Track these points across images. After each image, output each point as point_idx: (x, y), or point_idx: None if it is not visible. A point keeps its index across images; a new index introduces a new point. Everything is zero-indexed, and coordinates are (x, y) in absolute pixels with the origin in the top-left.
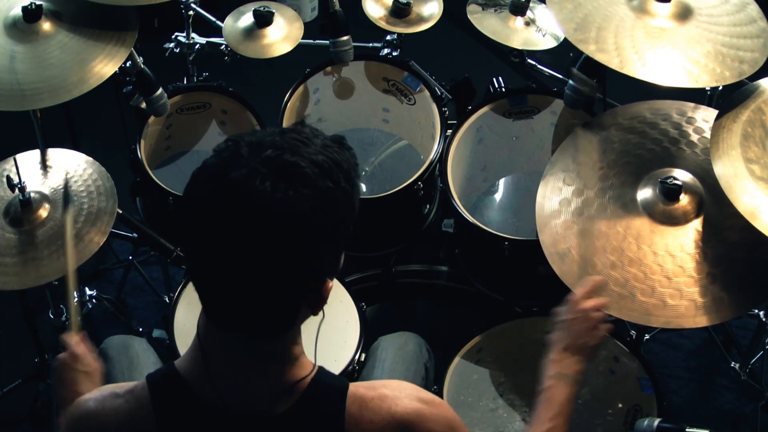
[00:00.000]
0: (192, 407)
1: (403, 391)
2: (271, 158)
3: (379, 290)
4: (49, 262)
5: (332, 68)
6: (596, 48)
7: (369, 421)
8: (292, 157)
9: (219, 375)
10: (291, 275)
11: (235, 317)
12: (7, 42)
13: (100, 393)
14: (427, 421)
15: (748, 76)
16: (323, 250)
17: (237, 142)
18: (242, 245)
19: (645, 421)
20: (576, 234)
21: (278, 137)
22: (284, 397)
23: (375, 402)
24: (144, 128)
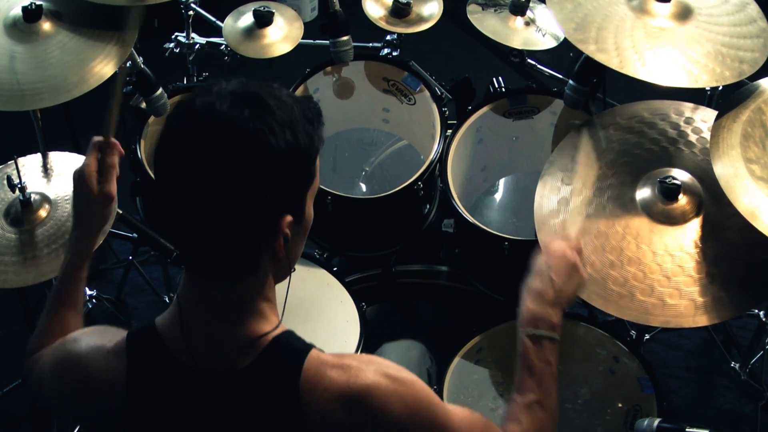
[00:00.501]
0: (160, 361)
1: (370, 364)
2: (235, 88)
3: (379, 290)
4: (48, 260)
5: (332, 68)
6: (596, 48)
7: (324, 387)
8: (255, 89)
9: (189, 327)
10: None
11: (199, 255)
12: (7, 42)
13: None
14: (386, 397)
15: (748, 76)
16: (278, 174)
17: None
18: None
19: (645, 421)
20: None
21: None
22: (246, 352)
23: (336, 370)
24: (144, 128)
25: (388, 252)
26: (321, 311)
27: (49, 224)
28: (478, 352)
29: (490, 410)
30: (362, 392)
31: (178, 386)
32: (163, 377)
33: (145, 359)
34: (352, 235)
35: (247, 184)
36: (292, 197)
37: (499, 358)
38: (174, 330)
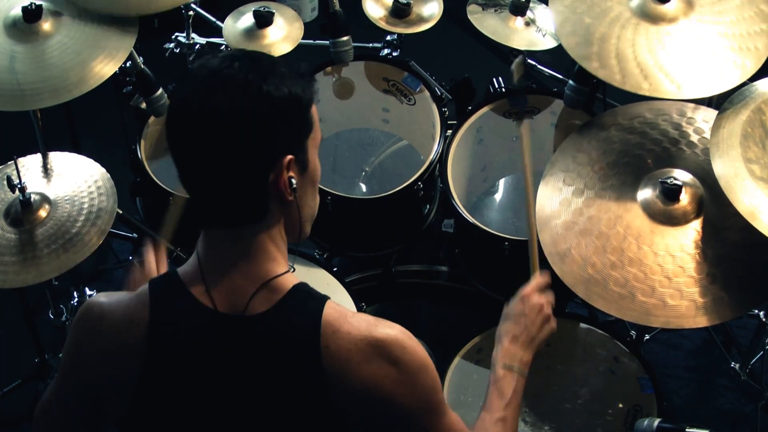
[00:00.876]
0: (183, 303)
1: (385, 322)
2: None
3: (379, 290)
4: (48, 260)
5: (332, 68)
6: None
7: (346, 331)
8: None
9: (208, 274)
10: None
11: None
12: (7, 42)
13: (117, 293)
14: (404, 350)
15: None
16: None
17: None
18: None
19: (645, 421)
20: (576, 234)
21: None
22: (266, 296)
23: (356, 318)
24: (144, 128)
25: (388, 252)
26: None
27: (49, 224)
28: (478, 352)
29: None
30: (383, 339)
31: (200, 327)
32: (185, 318)
33: (167, 300)
34: (352, 235)
35: (245, 128)
36: (290, 141)
37: None
38: (195, 277)
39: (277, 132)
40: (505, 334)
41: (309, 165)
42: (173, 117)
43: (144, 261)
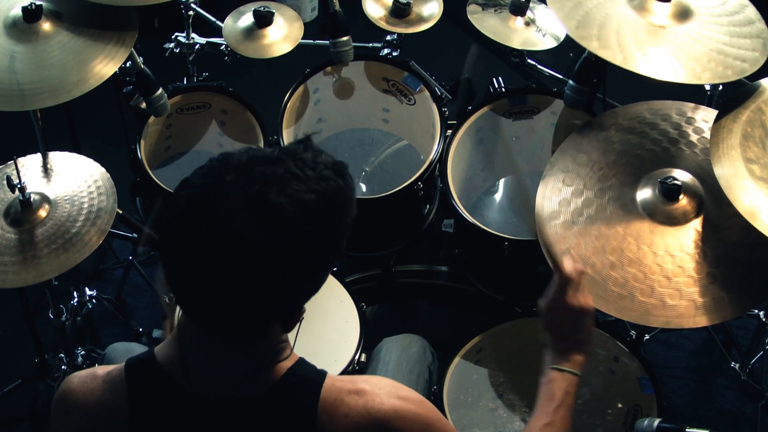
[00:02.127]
0: (165, 391)
1: (382, 388)
2: (256, 194)
3: (379, 290)
4: (48, 260)
5: (332, 68)
6: (599, 45)
7: (343, 415)
8: (278, 198)
9: (192, 363)
10: (261, 302)
11: (207, 321)
12: (7, 42)
13: (86, 372)
14: (404, 421)
15: (749, 74)
16: (298, 282)
17: (225, 163)
18: (214, 271)
19: (645, 421)
20: (575, 234)
21: (271, 166)
22: (257, 384)
23: (351, 396)
24: (144, 128)
25: (388, 252)
26: (321, 311)
27: (49, 224)
28: (478, 352)
29: (489, 410)
30: (380, 417)
31: (184, 416)
32: (168, 407)
33: (146, 388)
34: (352, 235)
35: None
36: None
37: (499, 358)
38: (175, 361)
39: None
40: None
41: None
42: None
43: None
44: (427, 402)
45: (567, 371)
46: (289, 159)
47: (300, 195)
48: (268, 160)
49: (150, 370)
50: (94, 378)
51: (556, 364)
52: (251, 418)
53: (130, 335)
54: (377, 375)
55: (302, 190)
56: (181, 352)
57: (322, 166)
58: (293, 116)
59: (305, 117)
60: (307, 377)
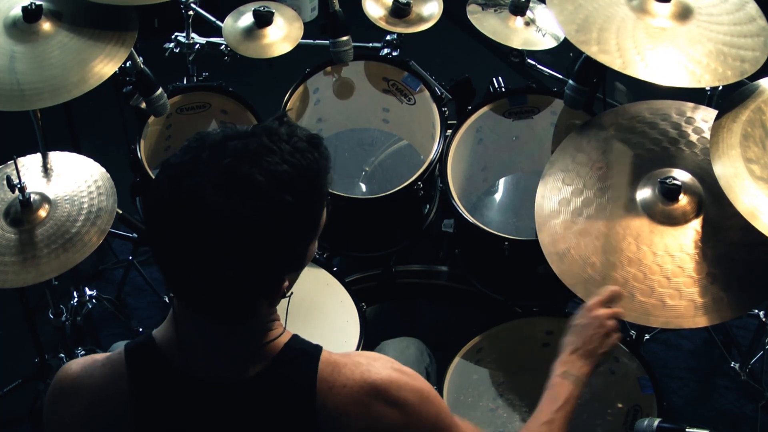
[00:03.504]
0: (164, 373)
1: (377, 360)
2: (228, 168)
3: (379, 290)
4: (48, 260)
5: (332, 68)
6: (598, 49)
7: (342, 384)
8: (250, 169)
9: (189, 345)
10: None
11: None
12: (7, 42)
13: (85, 359)
14: (400, 389)
15: (749, 75)
16: (275, 256)
17: (202, 142)
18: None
19: (645, 421)
20: (575, 234)
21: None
22: (254, 361)
23: (348, 367)
24: (144, 128)
25: (388, 252)
26: (321, 311)
27: (49, 224)
28: (478, 352)
29: (489, 410)
30: (378, 385)
31: (185, 397)
32: (169, 389)
33: (147, 372)
34: (352, 235)
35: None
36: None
37: (499, 358)
38: (173, 343)
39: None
40: (566, 345)
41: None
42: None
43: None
44: (421, 376)
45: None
46: (263, 134)
47: (273, 167)
48: (241, 135)
49: (149, 352)
50: (94, 363)
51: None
52: (251, 396)
53: (130, 335)
54: None
55: (275, 161)
56: (178, 333)
57: (296, 139)
58: (293, 116)
59: (305, 117)
60: (303, 351)
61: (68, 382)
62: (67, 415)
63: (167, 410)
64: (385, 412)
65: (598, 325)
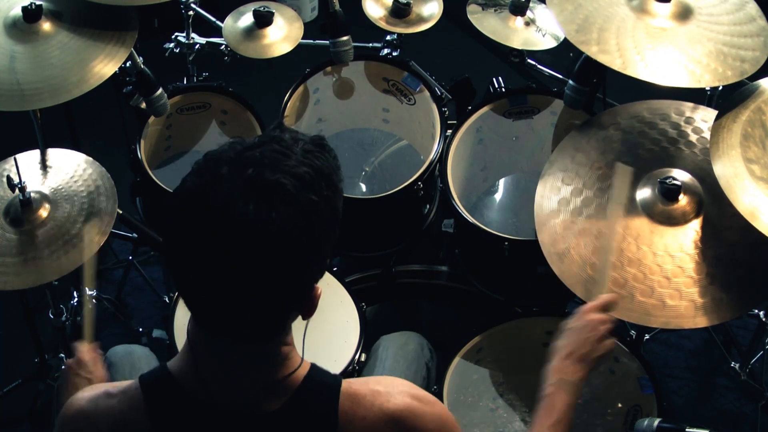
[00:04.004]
0: (185, 407)
1: (395, 387)
2: (252, 178)
3: (379, 290)
4: (49, 261)
5: (332, 68)
6: (598, 49)
7: (362, 417)
8: (273, 175)
9: (209, 376)
10: (278, 289)
11: (221, 325)
12: (7, 42)
13: (93, 392)
14: (419, 418)
15: (749, 75)
16: (309, 260)
17: (216, 160)
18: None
19: (645, 421)
20: (575, 234)
21: (258, 151)
22: (276, 395)
23: (368, 398)
24: (144, 128)
25: (388, 252)
26: (321, 311)
27: (50, 224)
28: (478, 352)
29: (489, 410)
30: (396, 416)
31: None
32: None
33: (166, 403)
34: (352, 235)
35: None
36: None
37: (499, 358)
38: (192, 375)
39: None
40: (558, 350)
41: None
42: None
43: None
44: (439, 402)
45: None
46: (272, 142)
47: (294, 170)
48: (253, 146)
49: (167, 386)
50: (109, 397)
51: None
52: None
53: (130, 335)
54: (374, 373)
55: (294, 165)
56: (196, 363)
57: (303, 143)
58: (293, 116)
59: (305, 117)
60: (323, 384)
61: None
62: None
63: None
64: None
65: (592, 328)
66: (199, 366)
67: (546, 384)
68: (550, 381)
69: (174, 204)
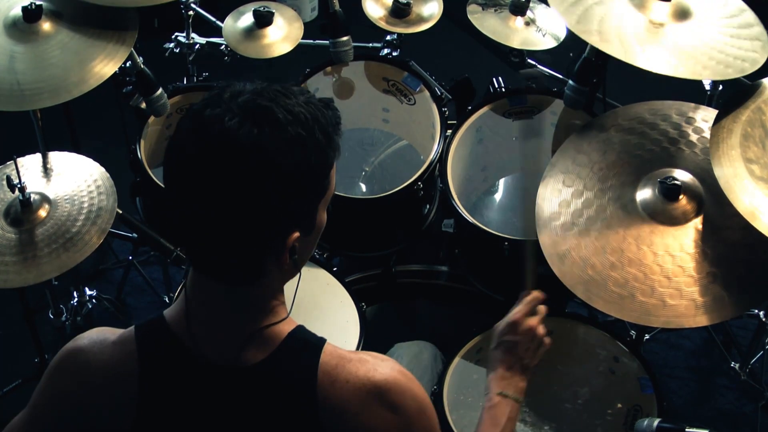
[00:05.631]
0: (173, 352)
1: (384, 360)
2: (247, 101)
3: (379, 290)
4: (49, 260)
5: (332, 68)
6: (600, 38)
7: (344, 380)
8: (267, 102)
9: (198, 323)
10: (252, 213)
11: (206, 259)
12: (7, 42)
13: (97, 333)
14: (403, 393)
15: (749, 73)
16: (286, 194)
17: (224, 87)
18: (207, 179)
19: (645, 421)
20: (575, 235)
21: (262, 87)
22: (259, 347)
23: (353, 363)
24: (144, 128)
25: (388, 252)
26: (321, 311)
27: (49, 224)
28: (478, 352)
29: None
30: (381, 385)
31: (192, 377)
32: (177, 368)
33: (156, 350)
34: (352, 235)
35: (254, 203)
36: (300, 213)
37: None
38: (183, 323)
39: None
40: (499, 362)
41: (315, 226)
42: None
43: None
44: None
45: (511, 397)
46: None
47: (290, 107)
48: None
49: (159, 331)
50: (105, 340)
51: (502, 390)
52: (255, 383)
53: None
54: None
55: (291, 103)
56: (187, 311)
57: (310, 96)
58: None
59: None
60: (307, 341)
61: (78, 357)
62: (72, 390)
63: (172, 390)
64: (382, 413)
65: (530, 339)
66: (190, 312)
67: (489, 394)
68: (494, 392)
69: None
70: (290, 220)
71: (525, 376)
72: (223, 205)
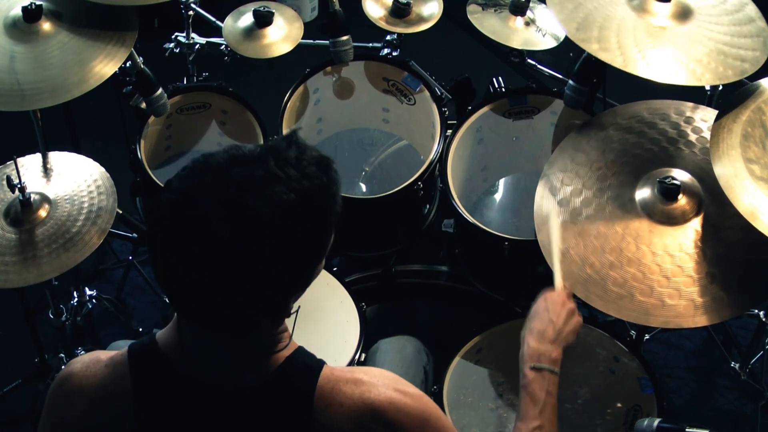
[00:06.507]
0: (167, 375)
1: (381, 379)
2: (232, 200)
3: (379, 290)
4: (49, 260)
5: (332, 68)
6: (599, 47)
7: (339, 403)
8: (255, 200)
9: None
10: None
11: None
12: (7, 42)
13: (89, 357)
14: (400, 412)
15: (749, 74)
16: (280, 281)
17: (205, 164)
18: (196, 271)
19: (645, 421)
20: (574, 234)
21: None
22: (257, 371)
23: (349, 385)
24: (144, 128)
25: (388, 252)
26: (321, 311)
27: (49, 224)
28: (478, 352)
29: (490, 410)
30: (376, 407)
31: (186, 400)
32: (171, 391)
33: (149, 373)
34: (352, 235)
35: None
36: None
37: (499, 358)
38: (176, 347)
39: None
40: (530, 332)
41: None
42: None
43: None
44: (426, 397)
45: (546, 369)
46: (271, 158)
47: (279, 196)
48: (247, 159)
49: (153, 354)
50: (98, 362)
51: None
52: (250, 405)
53: (130, 335)
54: None
55: (282, 191)
56: (181, 338)
57: (306, 163)
58: (293, 116)
59: (305, 117)
60: (305, 365)
61: (71, 381)
62: (69, 414)
63: (168, 412)
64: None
65: (561, 305)
66: (183, 340)
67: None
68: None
69: (159, 202)
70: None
71: (558, 345)
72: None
